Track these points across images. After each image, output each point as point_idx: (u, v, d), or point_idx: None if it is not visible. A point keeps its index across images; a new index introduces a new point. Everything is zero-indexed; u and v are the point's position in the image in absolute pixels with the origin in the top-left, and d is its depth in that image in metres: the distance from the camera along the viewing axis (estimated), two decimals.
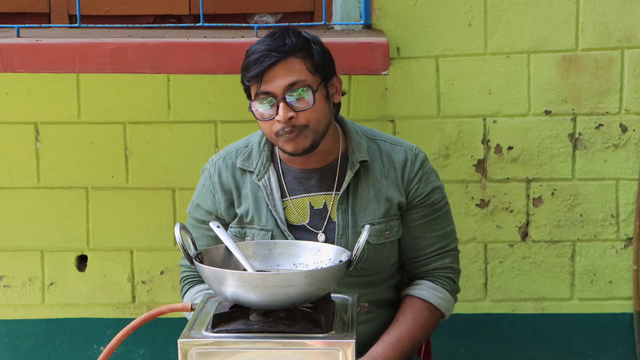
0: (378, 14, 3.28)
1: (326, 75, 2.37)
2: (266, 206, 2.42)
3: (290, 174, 2.45)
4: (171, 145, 3.40)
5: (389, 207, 2.43)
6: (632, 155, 3.35)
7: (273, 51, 2.29)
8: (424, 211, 2.46)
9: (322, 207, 2.42)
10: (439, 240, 2.48)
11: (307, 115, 2.30)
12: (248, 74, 2.32)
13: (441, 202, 2.50)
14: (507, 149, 3.36)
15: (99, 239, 3.45)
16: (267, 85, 2.30)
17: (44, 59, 2.95)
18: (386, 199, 2.43)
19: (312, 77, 2.32)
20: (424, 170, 2.48)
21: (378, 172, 2.45)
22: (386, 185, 2.44)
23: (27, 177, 3.42)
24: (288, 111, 2.28)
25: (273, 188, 2.43)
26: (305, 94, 2.30)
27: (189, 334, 1.89)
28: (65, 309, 3.49)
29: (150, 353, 3.51)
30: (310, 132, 2.32)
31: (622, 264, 3.41)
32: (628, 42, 3.29)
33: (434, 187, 2.48)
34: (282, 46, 2.30)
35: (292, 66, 2.30)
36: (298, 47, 2.31)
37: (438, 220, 2.49)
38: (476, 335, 3.46)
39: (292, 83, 2.29)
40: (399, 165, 2.46)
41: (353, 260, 1.98)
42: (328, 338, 1.87)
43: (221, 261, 2.06)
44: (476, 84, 3.33)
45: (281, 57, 2.29)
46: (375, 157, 2.46)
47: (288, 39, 2.32)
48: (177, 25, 3.25)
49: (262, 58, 2.29)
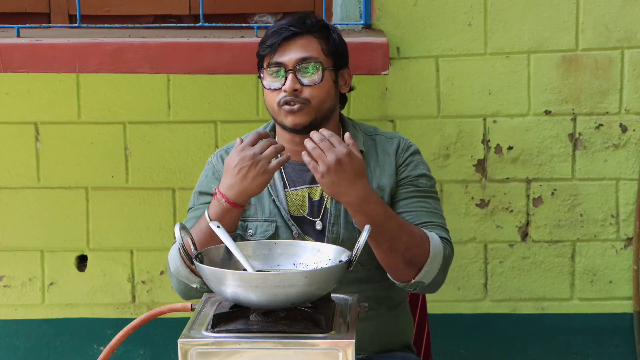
0: (378, 14, 3.28)
1: (338, 62, 2.43)
2: (269, 196, 2.44)
3: (290, 167, 2.47)
4: (171, 145, 3.40)
5: (381, 197, 2.41)
6: (632, 155, 3.35)
7: (292, 26, 2.38)
8: (409, 189, 2.45)
9: (319, 198, 2.45)
10: (426, 215, 2.42)
11: (312, 91, 2.35)
12: (264, 45, 2.39)
13: (429, 188, 2.48)
14: (507, 149, 3.36)
15: (99, 239, 3.45)
16: (280, 56, 2.36)
17: (44, 59, 2.95)
18: (379, 188, 2.43)
19: (325, 58, 2.39)
20: (414, 157, 2.50)
21: (372, 163, 2.47)
22: (379, 173, 2.45)
23: (27, 177, 3.42)
24: (295, 83, 2.34)
25: (276, 179, 2.45)
26: (315, 71, 2.36)
27: (189, 334, 1.89)
28: (65, 309, 3.49)
29: (150, 353, 3.51)
30: (312, 109, 2.36)
31: (622, 264, 3.41)
32: (628, 42, 3.29)
33: (423, 173, 2.48)
34: (302, 23, 2.39)
35: (307, 42, 2.38)
36: (317, 28, 2.40)
37: (424, 199, 2.45)
38: (476, 335, 3.46)
39: (304, 57, 2.36)
40: (392, 151, 2.49)
41: (353, 260, 1.98)
42: (328, 338, 1.87)
43: (221, 261, 2.06)
44: (476, 84, 3.33)
45: (299, 32, 2.37)
46: (370, 150, 2.49)
47: (309, 19, 2.41)
48: (177, 25, 3.25)
49: (280, 30, 2.38)
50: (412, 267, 2.30)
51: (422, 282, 2.32)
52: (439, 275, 2.33)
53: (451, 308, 3.45)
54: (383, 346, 2.49)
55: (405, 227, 2.30)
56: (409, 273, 2.31)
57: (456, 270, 3.40)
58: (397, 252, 2.27)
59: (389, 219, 2.26)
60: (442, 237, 2.38)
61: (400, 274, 2.32)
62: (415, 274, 2.30)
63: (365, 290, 2.40)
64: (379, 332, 2.45)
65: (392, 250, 2.27)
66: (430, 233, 2.35)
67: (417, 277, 2.30)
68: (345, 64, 2.47)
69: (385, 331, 2.49)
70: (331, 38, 2.41)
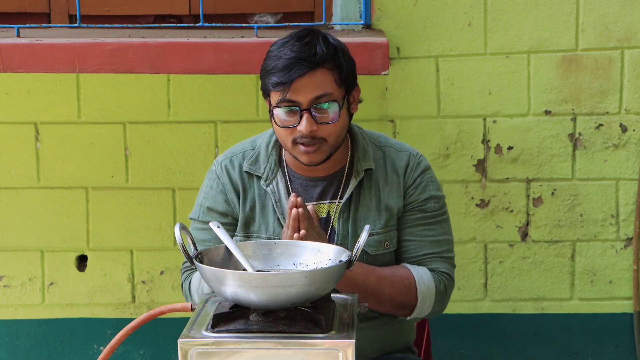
0: (378, 14, 3.28)
1: (350, 86, 2.33)
2: (273, 213, 2.40)
3: (297, 182, 2.42)
4: (171, 145, 3.40)
5: (389, 217, 2.40)
6: (632, 155, 3.35)
7: (304, 60, 2.22)
8: (416, 215, 2.42)
9: (326, 216, 2.41)
10: (429, 246, 2.41)
11: (329, 129, 2.27)
12: (273, 78, 2.24)
13: (437, 211, 2.44)
14: (507, 149, 3.36)
15: (99, 239, 3.45)
16: (294, 94, 2.24)
17: (44, 59, 2.95)
18: (386, 208, 2.40)
19: (338, 90, 2.28)
20: (423, 177, 2.44)
21: (381, 180, 2.42)
22: (387, 192, 2.41)
23: (27, 177, 3.42)
24: (312, 124, 2.24)
25: (281, 195, 2.40)
26: (331, 108, 2.26)
27: (189, 334, 1.89)
28: (65, 309, 3.49)
29: (150, 353, 3.51)
30: (328, 146, 2.30)
31: (622, 264, 3.41)
32: (628, 42, 3.29)
33: (431, 195, 2.43)
34: (312, 55, 2.23)
35: (320, 78, 2.25)
36: (329, 58, 2.25)
37: (430, 227, 2.42)
38: (476, 335, 3.46)
39: (319, 96, 2.24)
40: (401, 170, 2.43)
41: (353, 261, 1.98)
42: (328, 338, 1.86)
43: (221, 261, 2.05)
44: (476, 84, 3.33)
45: (311, 68, 2.23)
46: (379, 165, 2.43)
47: (319, 47, 2.25)
48: (177, 25, 3.25)
49: (291, 66, 2.22)
50: (404, 309, 2.38)
51: (419, 317, 2.42)
52: (434, 308, 2.40)
53: (451, 308, 3.42)
54: (385, 350, 2.49)
55: (386, 279, 2.33)
56: (402, 313, 2.41)
57: (456, 270, 3.39)
58: (384, 303, 2.34)
59: (368, 276, 2.30)
60: (439, 270, 2.41)
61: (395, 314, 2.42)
62: (409, 314, 2.40)
63: None
64: (380, 337, 2.45)
65: (378, 303, 2.33)
66: (419, 273, 2.37)
67: (412, 316, 2.40)
68: (355, 83, 2.36)
69: (387, 336, 2.48)
70: (343, 65, 2.28)
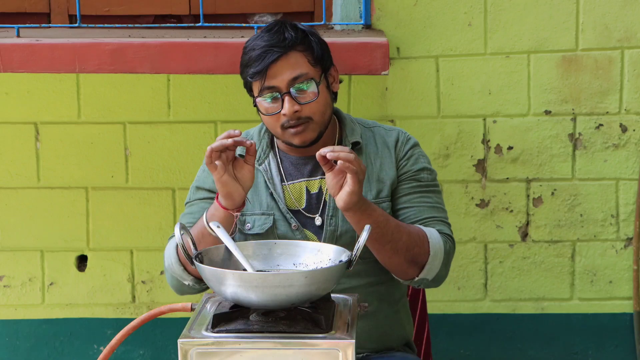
0: (378, 14, 3.28)
1: (325, 65, 2.41)
2: (266, 190, 2.45)
3: (287, 161, 2.48)
4: (171, 145, 3.40)
5: (381, 189, 2.44)
6: (632, 155, 3.35)
7: (274, 46, 2.33)
8: (411, 183, 2.46)
9: (318, 191, 2.45)
10: (429, 211, 2.44)
11: (312, 107, 2.35)
12: (250, 69, 2.35)
13: (431, 181, 2.49)
14: (507, 149, 3.36)
15: (99, 239, 3.45)
16: (271, 80, 2.33)
17: (44, 59, 2.95)
18: (378, 180, 2.44)
19: (314, 69, 2.37)
20: (414, 151, 2.50)
21: (372, 155, 2.47)
22: (379, 165, 2.46)
23: (27, 177, 3.42)
24: (293, 104, 2.33)
25: (273, 173, 2.46)
26: (309, 87, 2.34)
27: (189, 334, 1.89)
28: (65, 309, 3.49)
29: (150, 353, 3.51)
30: (316, 124, 2.37)
31: (622, 264, 3.41)
32: (628, 42, 3.29)
33: (424, 167, 2.49)
34: (282, 41, 2.34)
35: (294, 60, 2.34)
36: (298, 41, 2.35)
37: (426, 194, 2.46)
38: (476, 335, 3.46)
39: (295, 77, 2.33)
40: (392, 144, 2.49)
41: (353, 260, 1.98)
42: (328, 338, 1.87)
43: (221, 261, 2.06)
44: (476, 84, 3.33)
45: (283, 52, 2.33)
46: (369, 142, 2.50)
47: (287, 32, 2.35)
48: (177, 25, 3.25)
49: (263, 54, 2.33)
50: (414, 265, 2.33)
51: (426, 279, 2.36)
52: (441, 270, 2.37)
53: (451, 308, 3.45)
54: (383, 344, 2.49)
55: (403, 227, 2.31)
56: (412, 272, 2.34)
57: (456, 270, 3.41)
58: (399, 253, 2.29)
59: (388, 220, 2.28)
60: (443, 232, 2.41)
61: (404, 273, 2.35)
62: (418, 272, 2.34)
63: (365, 285, 2.41)
64: (378, 329, 2.45)
65: (394, 251, 2.29)
66: (429, 230, 2.37)
67: (421, 274, 2.34)
68: (331, 62, 2.45)
69: (385, 328, 2.49)
70: (314, 45, 2.38)
